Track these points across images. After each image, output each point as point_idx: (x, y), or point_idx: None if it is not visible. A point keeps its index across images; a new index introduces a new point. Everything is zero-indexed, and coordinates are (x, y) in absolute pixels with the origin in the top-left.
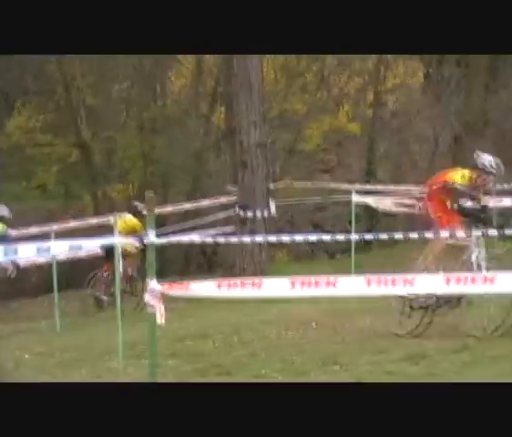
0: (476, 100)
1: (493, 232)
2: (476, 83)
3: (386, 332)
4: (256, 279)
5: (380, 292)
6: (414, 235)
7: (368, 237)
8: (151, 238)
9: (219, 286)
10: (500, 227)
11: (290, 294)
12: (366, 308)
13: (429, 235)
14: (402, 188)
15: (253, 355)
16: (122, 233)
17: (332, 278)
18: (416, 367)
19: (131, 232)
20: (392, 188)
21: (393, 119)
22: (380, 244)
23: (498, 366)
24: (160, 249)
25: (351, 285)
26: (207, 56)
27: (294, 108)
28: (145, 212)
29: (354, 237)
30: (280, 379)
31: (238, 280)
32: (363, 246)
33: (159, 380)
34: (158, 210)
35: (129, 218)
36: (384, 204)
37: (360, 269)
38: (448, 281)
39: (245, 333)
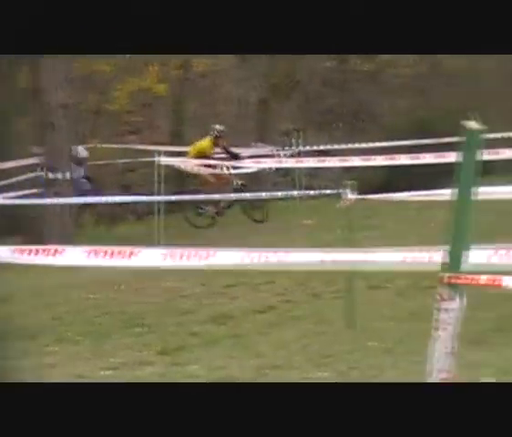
0: (282, 63)
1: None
2: None
3: (192, 294)
4: (59, 248)
5: (175, 264)
6: (216, 196)
7: (174, 198)
8: None
9: (14, 252)
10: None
11: (89, 263)
12: (173, 270)
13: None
14: None
15: (57, 318)
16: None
17: (136, 249)
18: (221, 327)
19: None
20: None
21: (201, 81)
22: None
23: (302, 326)
24: None
25: (149, 257)
26: None
27: (101, 69)
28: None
29: (160, 198)
30: (86, 343)
31: (36, 248)
32: (171, 207)
33: None
34: None
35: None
36: (188, 166)
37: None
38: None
39: (49, 297)
